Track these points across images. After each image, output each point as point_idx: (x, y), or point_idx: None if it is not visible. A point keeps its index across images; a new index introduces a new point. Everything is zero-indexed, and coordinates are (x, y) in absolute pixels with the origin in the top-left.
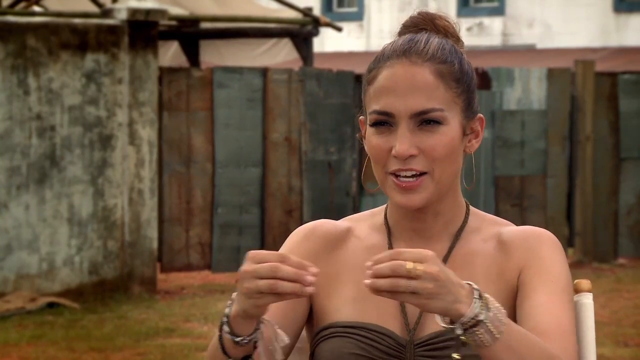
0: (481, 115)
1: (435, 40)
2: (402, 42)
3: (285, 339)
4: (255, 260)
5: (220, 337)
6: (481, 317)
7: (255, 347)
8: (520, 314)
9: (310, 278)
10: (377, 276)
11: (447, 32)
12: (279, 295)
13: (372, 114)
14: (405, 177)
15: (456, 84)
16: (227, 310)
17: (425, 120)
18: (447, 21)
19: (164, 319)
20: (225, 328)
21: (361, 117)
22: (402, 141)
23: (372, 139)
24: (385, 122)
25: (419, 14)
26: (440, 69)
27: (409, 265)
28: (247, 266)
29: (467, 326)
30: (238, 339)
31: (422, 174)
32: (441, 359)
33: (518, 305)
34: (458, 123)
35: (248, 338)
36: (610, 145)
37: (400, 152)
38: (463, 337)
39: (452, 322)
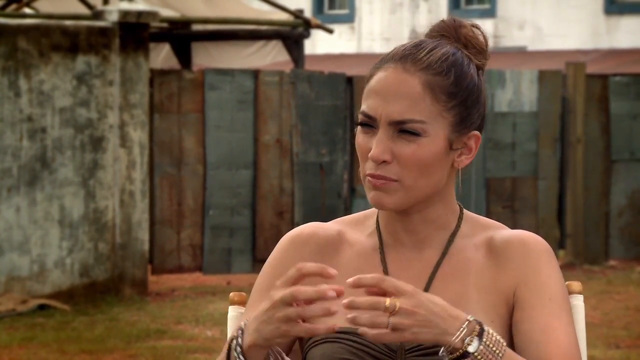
0: (477, 133)
1: (441, 51)
2: (407, 46)
3: None
4: (283, 285)
5: None
6: (470, 349)
7: None
8: (522, 338)
9: (331, 293)
10: (356, 308)
11: (469, 42)
12: (309, 327)
13: (359, 114)
14: (378, 178)
15: (447, 97)
16: (238, 341)
17: (403, 130)
18: (475, 32)
19: (155, 320)
20: (241, 357)
21: None
22: (377, 145)
23: (358, 137)
24: (369, 123)
25: (448, 19)
26: (431, 80)
27: (387, 301)
28: (275, 294)
29: (454, 357)
30: None
31: (393, 181)
32: None
33: (517, 323)
34: (443, 137)
35: None
36: (601, 147)
37: (374, 156)
38: None
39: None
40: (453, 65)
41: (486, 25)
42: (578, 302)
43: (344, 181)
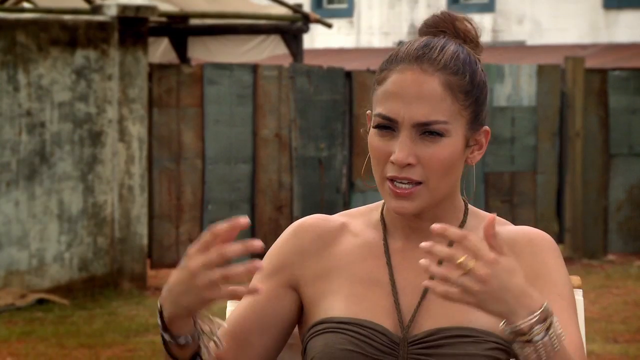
0: (487, 128)
1: (451, 48)
2: (417, 46)
3: (222, 322)
4: (198, 252)
5: (165, 345)
6: (536, 339)
7: (199, 343)
8: None
9: (258, 243)
10: (432, 253)
11: (467, 37)
12: (232, 288)
13: (376, 117)
14: (401, 184)
15: (464, 96)
16: (159, 321)
17: (428, 131)
18: (469, 24)
19: (154, 315)
20: (166, 336)
21: (368, 111)
22: (402, 149)
23: (374, 140)
24: (388, 126)
25: (442, 13)
26: (450, 80)
27: (463, 258)
28: (191, 261)
29: (517, 340)
30: (182, 341)
31: (417, 183)
32: (434, 357)
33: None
34: (461, 135)
35: (190, 336)
36: (600, 141)
37: (399, 160)
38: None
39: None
40: (465, 64)
41: (485, 20)
42: (577, 296)
43: (342, 176)
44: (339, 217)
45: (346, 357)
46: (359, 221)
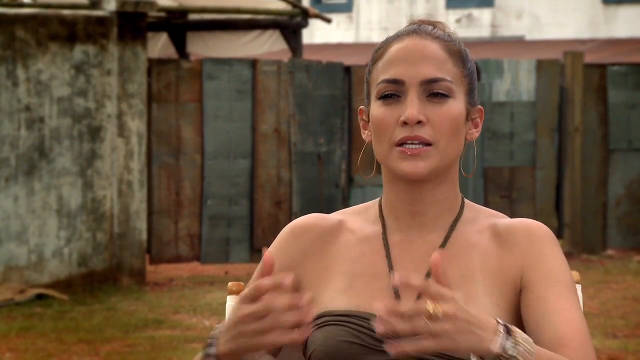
0: (481, 107)
1: (441, 30)
2: (409, 25)
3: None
4: (247, 300)
5: None
6: (512, 353)
7: None
8: (533, 319)
9: (304, 299)
10: (395, 315)
11: None
12: (282, 332)
13: (380, 84)
14: (412, 144)
15: (463, 64)
16: (212, 351)
17: (434, 93)
18: (447, 30)
19: (153, 310)
20: None
21: (361, 107)
22: (412, 106)
23: (378, 112)
24: (393, 93)
25: (419, 21)
26: (449, 46)
27: (432, 307)
28: (240, 310)
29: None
30: None
31: (427, 144)
32: None
33: (527, 307)
34: (464, 101)
35: None
36: (599, 136)
37: (410, 117)
38: None
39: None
40: (458, 41)
41: (484, 15)
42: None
43: (341, 171)
44: (336, 215)
45: (346, 348)
46: (356, 218)
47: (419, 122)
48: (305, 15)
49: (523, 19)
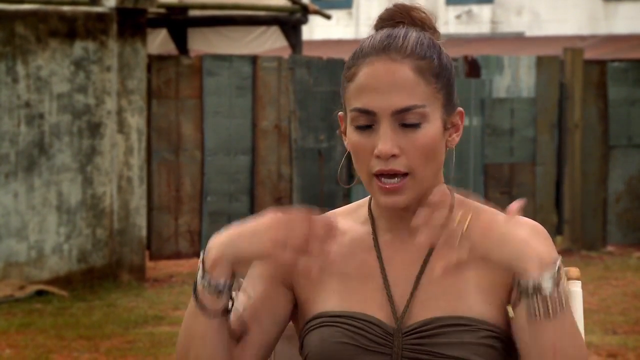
0: (461, 109)
1: (413, 35)
2: (380, 38)
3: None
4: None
5: (196, 296)
6: (545, 288)
7: (231, 299)
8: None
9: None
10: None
11: (424, 24)
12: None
13: (353, 112)
14: (389, 179)
15: (436, 79)
16: (202, 255)
17: (406, 123)
18: (424, 13)
19: (153, 306)
20: (204, 282)
21: (340, 112)
22: (385, 140)
23: (354, 140)
24: (366, 125)
25: (395, 6)
26: (419, 65)
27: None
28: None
29: (527, 289)
30: (221, 286)
31: (404, 175)
32: (429, 347)
33: (520, 310)
34: (439, 119)
35: (227, 285)
36: (599, 133)
37: (383, 152)
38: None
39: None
40: (430, 48)
41: (484, 11)
42: (576, 288)
43: (342, 167)
44: (326, 216)
45: (341, 349)
46: (346, 219)
47: (393, 155)
48: (305, 11)
49: (523, 15)
